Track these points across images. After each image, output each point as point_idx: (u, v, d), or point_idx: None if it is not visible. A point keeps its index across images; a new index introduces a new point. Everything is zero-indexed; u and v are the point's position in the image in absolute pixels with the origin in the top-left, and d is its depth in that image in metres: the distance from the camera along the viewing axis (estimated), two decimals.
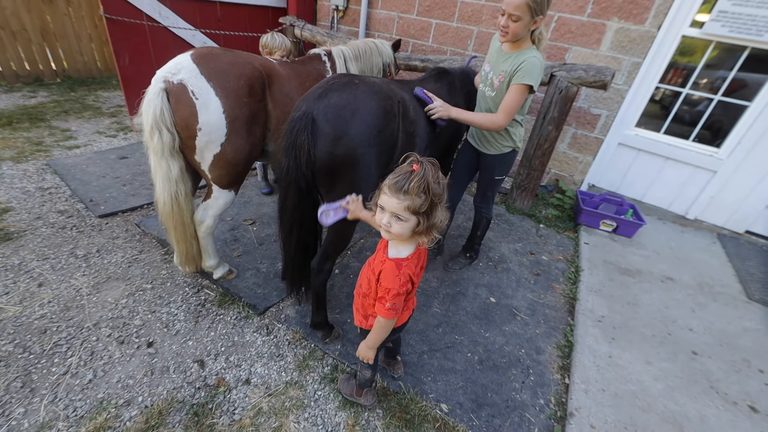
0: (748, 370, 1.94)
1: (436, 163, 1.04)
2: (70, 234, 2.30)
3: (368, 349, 1.28)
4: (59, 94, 4.61)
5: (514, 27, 1.59)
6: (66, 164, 3.04)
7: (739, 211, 3.16)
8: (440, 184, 1.02)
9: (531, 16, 1.56)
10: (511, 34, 1.62)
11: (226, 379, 1.59)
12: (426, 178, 0.98)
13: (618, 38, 3.00)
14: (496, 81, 1.78)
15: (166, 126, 1.54)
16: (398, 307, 1.14)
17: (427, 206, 1.00)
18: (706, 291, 2.54)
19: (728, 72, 2.89)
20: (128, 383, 1.52)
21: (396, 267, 1.11)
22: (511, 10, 1.55)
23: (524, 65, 1.64)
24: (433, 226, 1.05)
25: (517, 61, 1.67)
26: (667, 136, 3.25)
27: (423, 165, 1.01)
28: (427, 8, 3.73)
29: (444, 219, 1.06)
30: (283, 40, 2.58)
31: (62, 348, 1.62)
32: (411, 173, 0.99)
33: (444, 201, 1.05)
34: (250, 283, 2.11)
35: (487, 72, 1.86)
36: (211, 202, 1.81)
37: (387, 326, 1.20)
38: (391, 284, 1.11)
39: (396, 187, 0.99)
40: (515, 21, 1.57)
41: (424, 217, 1.02)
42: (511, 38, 1.65)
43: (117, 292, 1.94)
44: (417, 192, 0.98)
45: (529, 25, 1.61)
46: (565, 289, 2.44)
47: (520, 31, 1.61)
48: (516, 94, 1.69)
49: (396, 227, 1.04)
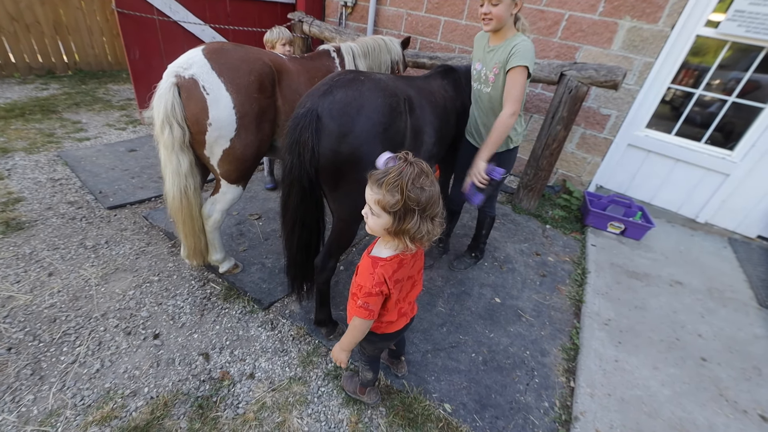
0: (759, 378, 1.91)
1: (428, 171, 0.97)
2: (79, 225, 2.33)
3: (341, 351, 1.23)
4: (70, 86, 4.66)
5: (497, 11, 1.60)
6: (76, 156, 3.08)
7: (751, 215, 3.10)
8: (424, 192, 0.94)
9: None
10: (495, 20, 1.62)
11: (230, 372, 1.60)
12: (402, 178, 0.92)
13: (630, 37, 2.95)
14: (491, 75, 1.76)
15: (177, 121, 1.54)
16: (372, 308, 1.10)
17: (400, 207, 0.94)
18: (716, 296, 2.50)
19: (742, 73, 2.83)
20: (134, 374, 1.54)
21: (372, 265, 1.08)
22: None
23: (516, 49, 1.63)
24: (404, 231, 0.98)
25: (506, 49, 1.66)
26: (678, 138, 3.20)
27: (406, 164, 0.94)
28: (435, 5, 3.70)
29: (429, 232, 0.99)
30: (280, 31, 2.61)
31: (71, 337, 1.64)
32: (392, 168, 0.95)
33: (429, 212, 0.97)
34: (256, 277, 2.12)
35: (479, 70, 1.84)
36: (219, 197, 1.82)
37: (361, 327, 1.16)
38: (363, 281, 1.09)
39: (374, 177, 0.97)
40: (496, 4, 1.59)
41: (396, 218, 0.97)
42: (495, 24, 1.64)
43: (124, 284, 1.96)
44: (389, 188, 0.93)
45: (510, 8, 1.61)
46: (571, 291, 2.41)
47: (503, 14, 1.61)
48: (516, 77, 1.65)
49: (369, 220, 1.02)
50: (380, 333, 1.27)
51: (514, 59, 1.63)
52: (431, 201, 0.96)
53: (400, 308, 1.24)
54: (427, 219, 0.98)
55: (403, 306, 1.26)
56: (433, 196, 0.96)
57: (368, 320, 1.15)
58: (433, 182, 0.98)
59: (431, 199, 0.96)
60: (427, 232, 0.98)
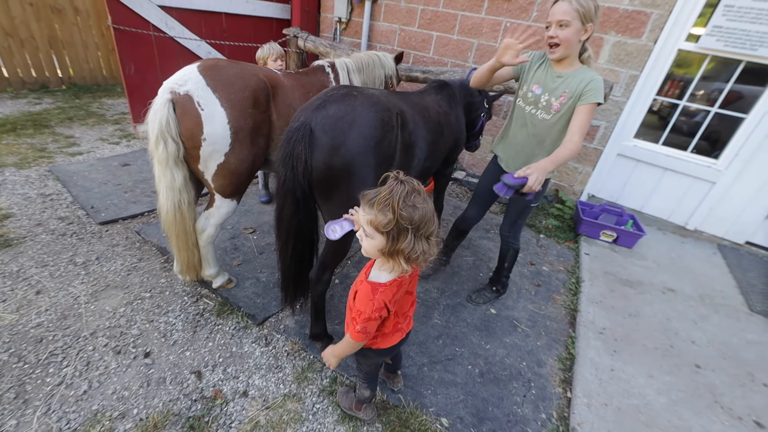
0: (753, 384, 1.92)
1: (419, 189, 0.97)
2: (70, 241, 2.30)
3: (332, 356, 1.24)
4: (64, 101, 4.66)
5: (564, 34, 1.51)
6: (68, 171, 3.06)
7: (738, 221, 3.16)
8: (416, 210, 0.93)
9: (581, 22, 1.50)
10: (562, 45, 1.54)
11: (223, 391, 1.57)
12: (394, 197, 0.91)
13: (615, 51, 3.04)
14: (556, 103, 1.66)
15: (172, 136, 1.55)
16: (369, 331, 1.11)
17: (393, 227, 0.93)
18: (708, 302, 2.53)
19: (724, 84, 2.93)
20: (124, 395, 1.50)
21: (371, 291, 1.07)
22: (559, 16, 1.50)
23: (594, 84, 1.56)
24: (399, 251, 0.97)
25: (580, 80, 1.59)
26: (665, 147, 3.28)
27: (397, 183, 0.94)
28: (428, 21, 3.79)
29: (425, 251, 0.98)
30: (270, 47, 2.66)
31: (58, 358, 1.60)
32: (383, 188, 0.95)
33: (423, 231, 0.96)
34: (250, 292, 2.10)
35: (538, 94, 1.71)
36: (213, 211, 1.82)
37: (355, 346, 1.18)
38: (363, 307, 1.08)
39: (366, 198, 0.97)
40: (564, 27, 1.51)
41: (389, 238, 0.96)
42: (563, 50, 1.56)
43: (115, 301, 1.93)
44: (381, 208, 0.92)
45: (579, 34, 1.53)
46: (566, 300, 2.42)
47: (571, 39, 1.52)
48: (589, 114, 1.60)
49: (364, 242, 1.02)
50: (376, 348, 1.26)
51: (590, 96, 1.57)
52: (425, 219, 0.95)
53: (396, 323, 1.24)
54: (421, 238, 0.97)
55: (400, 321, 1.25)
56: (426, 214, 0.96)
57: (363, 341, 1.16)
58: (426, 200, 0.97)
59: (424, 217, 0.95)
60: (422, 251, 0.97)
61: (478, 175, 4.07)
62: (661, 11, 2.80)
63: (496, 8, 3.40)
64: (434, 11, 3.71)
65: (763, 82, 2.80)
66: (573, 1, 1.48)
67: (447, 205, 3.38)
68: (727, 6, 2.67)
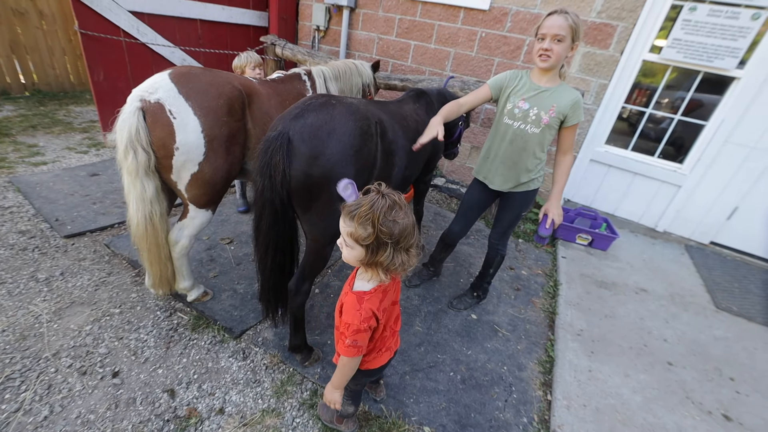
0: (720, 378, 2.01)
1: (401, 203, 0.96)
2: (31, 256, 2.17)
3: (333, 391, 1.20)
4: (27, 108, 4.43)
5: (558, 49, 1.58)
6: (31, 182, 2.90)
7: (703, 223, 3.33)
8: (396, 225, 0.93)
9: (572, 39, 1.58)
10: (554, 57, 1.60)
11: (198, 409, 1.50)
12: (374, 211, 0.91)
13: (586, 61, 3.17)
14: (545, 117, 1.72)
15: (142, 145, 1.50)
16: (360, 345, 1.08)
17: (373, 241, 0.93)
18: (678, 301, 2.64)
19: (686, 93, 3.10)
20: (89, 418, 1.41)
21: (357, 301, 1.05)
22: (555, 30, 1.55)
23: (579, 104, 1.70)
24: (377, 263, 0.97)
25: (569, 99, 1.69)
26: (634, 153, 3.43)
27: (379, 197, 0.94)
28: (406, 30, 3.85)
29: (404, 263, 0.98)
30: (248, 55, 2.63)
31: (15, 382, 1.49)
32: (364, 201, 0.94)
33: (402, 244, 0.96)
34: (227, 305, 2.04)
35: (526, 109, 1.76)
36: (187, 222, 1.76)
37: (350, 365, 1.14)
38: (351, 319, 1.05)
39: (347, 210, 0.96)
40: (559, 42, 1.57)
41: (368, 251, 0.96)
42: (553, 62, 1.62)
43: (81, 318, 1.83)
44: (361, 222, 0.92)
45: (568, 50, 1.61)
46: (545, 304, 2.47)
47: (562, 54, 1.60)
48: (574, 133, 1.79)
49: (344, 251, 1.01)
50: (364, 369, 1.24)
51: (579, 115, 1.71)
52: (405, 233, 0.95)
53: (385, 338, 1.21)
54: (401, 250, 0.97)
55: (389, 340, 1.24)
56: (406, 228, 0.95)
57: (357, 357, 1.13)
58: (407, 214, 0.97)
59: (404, 231, 0.95)
60: (401, 263, 0.98)
61: (457, 181, 4.13)
62: (626, 24, 2.94)
63: (471, 19, 3.49)
64: (412, 21, 3.78)
65: (719, 91, 2.98)
66: (568, 18, 1.54)
67: (427, 212, 3.41)
68: (685, 20, 2.84)
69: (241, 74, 2.57)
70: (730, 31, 2.73)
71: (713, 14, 2.75)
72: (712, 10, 2.74)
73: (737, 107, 2.91)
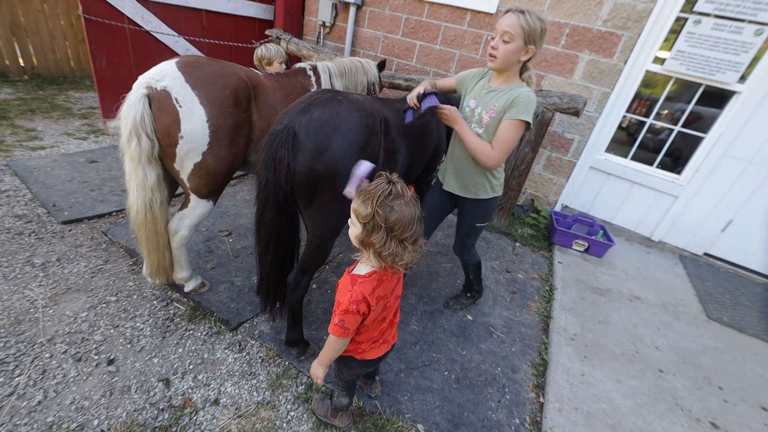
0: (709, 387, 2.04)
1: (403, 193, 0.99)
2: (27, 240, 2.15)
3: (318, 366, 1.24)
4: (26, 91, 4.38)
5: (504, 49, 1.46)
6: (28, 166, 2.87)
7: (698, 234, 3.37)
8: (393, 212, 0.96)
9: (523, 41, 1.45)
10: (500, 58, 1.49)
11: (193, 399, 1.50)
12: (376, 192, 0.96)
13: (589, 69, 3.20)
14: (486, 117, 1.62)
15: (146, 132, 1.49)
16: (347, 327, 1.10)
17: (369, 221, 0.98)
18: (670, 310, 2.67)
19: (686, 105, 3.13)
20: (83, 405, 1.40)
21: (350, 282, 1.08)
22: (504, 27, 1.45)
23: (520, 99, 1.51)
24: (370, 244, 1.00)
25: (510, 96, 1.54)
26: (633, 162, 3.46)
27: (384, 182, 0.99)
28: (411, 30, 3.85)
29: (396, 254, 1.00)
30: (278, 49, 2.61)
31: (9, 366, 1.48)
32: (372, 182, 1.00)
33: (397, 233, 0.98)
34: (224, 297, 2.03)
35: (473, 107, 1.67)
36: (188, 212, 1.75)
37: (336, 345, 1.17)
38: (341, 297, 1.09)
39: (360, 187, 1.03)
40: (506, 42, 1.45)
41: (365, 230, 1.00)
42: (500, 63, 1.50)
43: (77, 305, 1.81)
44: (363, 200, 0.99)
45: (519, 53, 1.48)
46: (540, 308, 2.49)
47: (509, 57, 1.48)
48: (512, 129, 1.54)
49: (350, 228, 1.06)
50: (360, 359, 1.25)
51: (515, 111, 1.52)
52: (400, 223, 0.97)
53: (383, 330, 1.23)
54: (395, 240, 1.00)
55: (387, 332, 1.25)
56: (402, 219, 0.97)
57: (343, 338, 1.13)
58: (409, 205, 0.99)
59: (400, 221, 0.97)
60: (393, 253, 1.00)
61: None
62: (631, 34, 2.97)
63: (478, 21, 3.50)
64: (418, 21, 3.78)
65: (719, 104, 3.02)
66: (521, 17, 1.43)
67: None
68: (689, 33, 2.87)
69: (267, 65, 2.56)
70: (732, 46, 2.77)
71: (717, 28, 2.78)
72: (716, 24, 2.77)
73: (736, 121, 2.94)
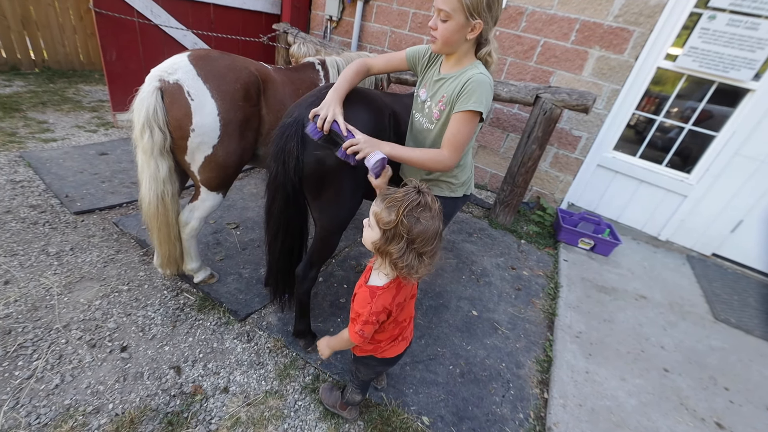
0: (715, 387, 2.03)
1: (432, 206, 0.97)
2: (42, 230, 2.20)
3: (326, 347, 1.28)
4: (37, 84, 4.44)
5: (443, 29, 1.21)
6: (41, 157, 2.92)
7: (706, 234, 3.34)
8: (418, 224, 0.94)
9: (465, 17, 1.17)
10: (440, 39, 1.24)
11: (203, 386, 1.54)
12: (403, 202, 0.94)
13: (599, 65, 3.17)
14: (436, 110, 1.36)
15: (159, 125, 1.52)
16: (366, 335, 1.11)
17: (391, 228, 0.95)
18: (677, 310, 2.66)
19: (697, 103, 3.09)
20: (98, 389, 1.44)
21: (370, 294, 1.08)
22: (439, 5, 1.19)
23: (469, 86, 1.23)
24: (388, 253, 0.98)
25: (459, 83, 1.26)
26: (641, 160, 3.42)
27: (413, 191, 0.97)
28: (419, 25, 3.83)
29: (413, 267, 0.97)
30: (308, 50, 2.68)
31: (27, 350, 1.53)
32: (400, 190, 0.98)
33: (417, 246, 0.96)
34: (232, 288, 2.07)
35: (423, 99, 1.43)
36: (198, 204, 1.78)
37: (349, 344, 1.21)
38: (360, 309, 1.09)
39: (384, 191, 1.02)
40: (444, 21, 1.20)
41: (384, 237, 0.97)
42: (440, 45, 1.26)
43: (90, 293, 1.86)
44: (388, 206, 0.96)
45: (463, 31, 1.21)
46: (545, 305, 2.50)
47: (451, 37, 1.22)
48: (462, 124, 1.26)
49: (366, 230, 1.05)
50: (380, 357, 1.27)
51: (464, 100, 1.24)
52: (423, 236, 0.95)
53: (403, 329, 1.25)
54: (413, 252, 0.97)
55: (406, 329, 1.27)
56: (426, 232, 0.95)
57: (359, 344, 1.17)
58: (435, 218, 0.97)
59: (424, 234, 0.95)
60: (409, 265, 0.97)
61: None
62: (643, 29, 2.93)
63: None
64: (426, 15, 3.76)
65: (732, 102, 2.97)
66: None
67: None
68: (703, 29, 2.82)
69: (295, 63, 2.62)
70: (748, 42, 2.72)
71: (732, 24, 2.73)
72: (731, 20, 2.73)
73: (750, 120, 2.90)
